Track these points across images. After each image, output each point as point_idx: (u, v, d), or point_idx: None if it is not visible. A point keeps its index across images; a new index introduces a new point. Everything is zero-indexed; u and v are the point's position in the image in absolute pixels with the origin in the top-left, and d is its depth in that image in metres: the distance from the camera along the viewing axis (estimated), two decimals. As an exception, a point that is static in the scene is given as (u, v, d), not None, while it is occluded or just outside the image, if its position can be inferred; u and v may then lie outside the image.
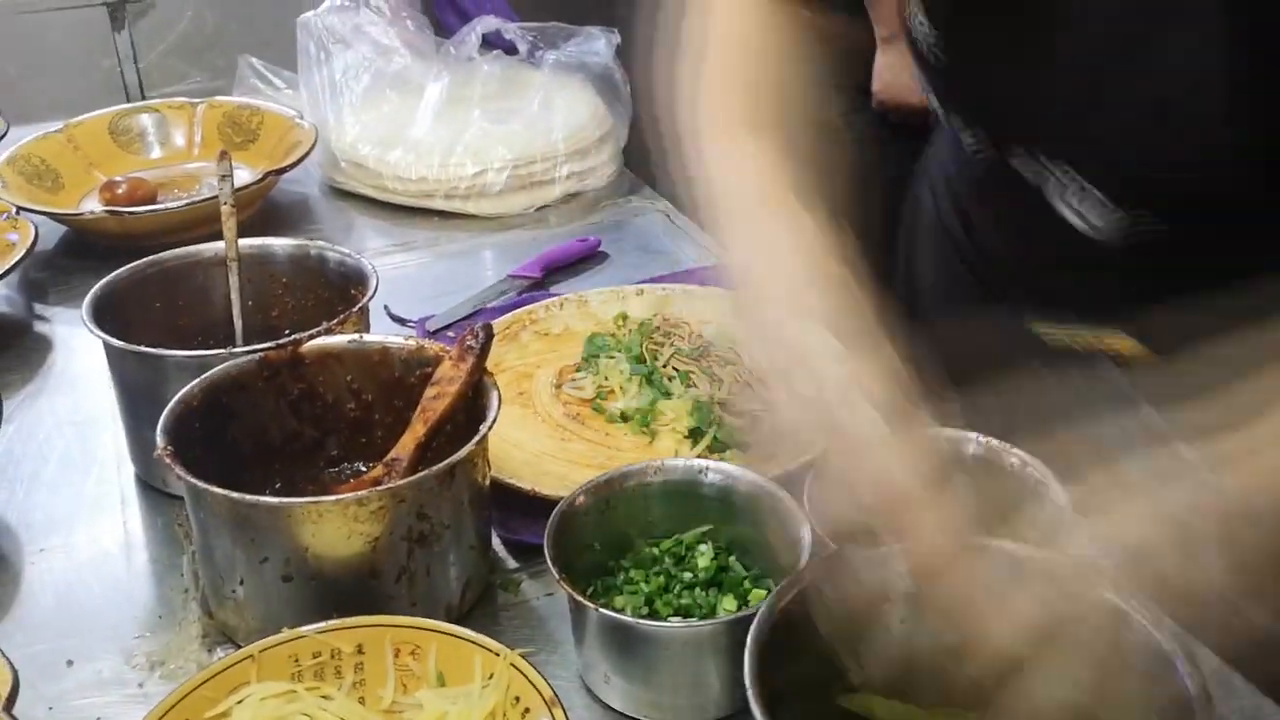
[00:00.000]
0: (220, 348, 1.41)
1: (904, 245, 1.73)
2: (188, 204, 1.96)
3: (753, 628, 0.94)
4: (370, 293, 1.49)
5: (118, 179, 2.12)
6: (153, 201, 2.05)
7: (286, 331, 1.53)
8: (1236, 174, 1.13)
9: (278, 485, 1.34)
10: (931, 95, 1.38)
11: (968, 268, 1.56)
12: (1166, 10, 1.11)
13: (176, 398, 1.25)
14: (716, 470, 1.24)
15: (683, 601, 1.19)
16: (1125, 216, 1.23)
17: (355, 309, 1.46)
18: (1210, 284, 1.10)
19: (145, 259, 1.56)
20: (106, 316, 1.43)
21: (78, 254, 2.01)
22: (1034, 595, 0.89)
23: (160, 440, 1.18)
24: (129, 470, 1.50)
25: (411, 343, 1.35)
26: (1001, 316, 1.33)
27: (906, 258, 1.72)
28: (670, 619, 1.16)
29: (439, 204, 2.16)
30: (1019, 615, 0.88)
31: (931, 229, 1.64)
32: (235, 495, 1.12)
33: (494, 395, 1.27)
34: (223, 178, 1.62)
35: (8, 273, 1.74)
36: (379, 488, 1.16)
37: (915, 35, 1.32)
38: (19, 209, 1.90)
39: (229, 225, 1.57)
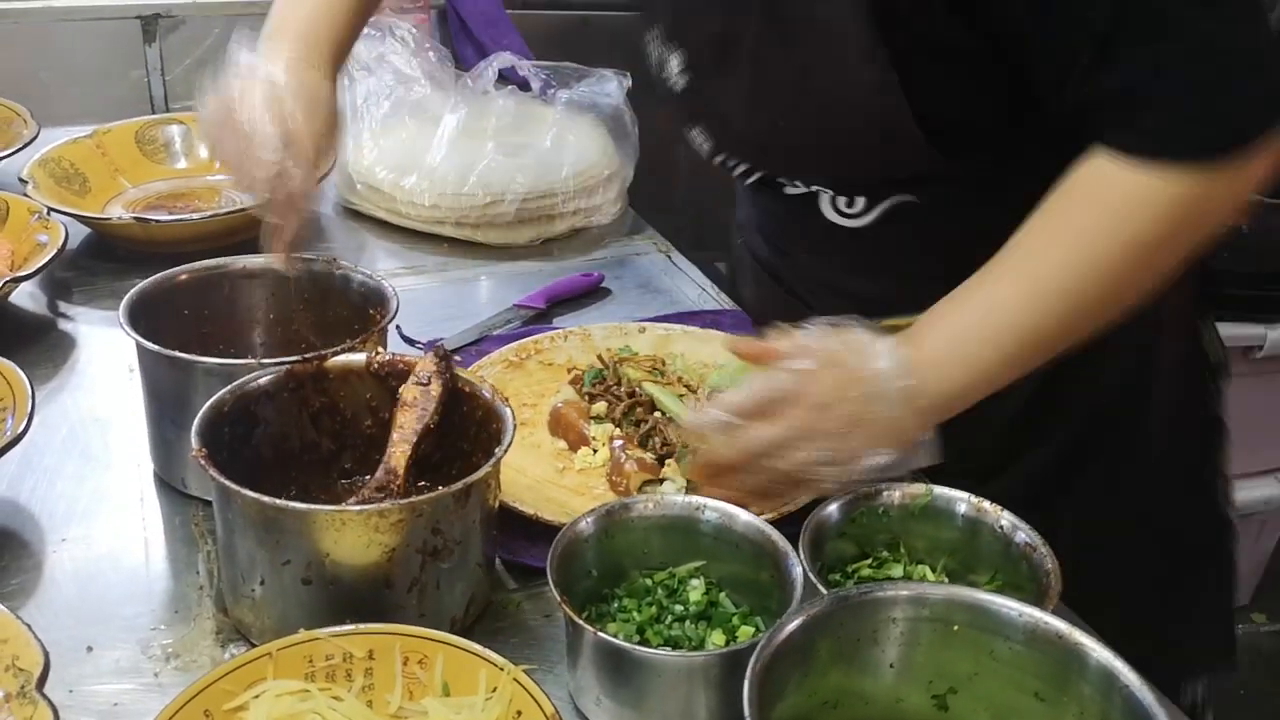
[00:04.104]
0: (241, 358, 1.47)
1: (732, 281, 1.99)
2: (211, 215, 2.03)
3: (752, 660, 0.97)
4: (391, 315, 1.55)
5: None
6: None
7: (303, 347, 1.59)
8: (928, 155, 1.42)
9: (293, 492, 1.40)
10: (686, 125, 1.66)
11: (784, 290, 1.78)
12: (834, 46, 1.39)
13: (209, 403, 1.31)
14: (714, 509, 1.30)
15: (672, 633, 1.24)
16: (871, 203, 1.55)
17: (376, 330, 1.53)
18: (960, 241, 1.35)
19: (177, 268, 1.61)
20: (139, 319, 1.49)
21: (101, 256, 2.07)
22: None
23: (195, 443, 1.24)
24: (148, 468, 1.55)
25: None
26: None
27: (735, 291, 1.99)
28: (660, 649, 1.21)
29: (449, 231, 2.22)
30: None
31: (744, 256, 1.88)
32: (265, 499, 1.18)
33: (509, 418, 1.33)
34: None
35: (39, 271, 1.80)
36: (402, 500, 1.22)
37: (664, 72, 1.63)
38: (50, 210, 1.95)
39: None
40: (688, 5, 1.57)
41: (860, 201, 1.56)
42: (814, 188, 1.58)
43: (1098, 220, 1.30)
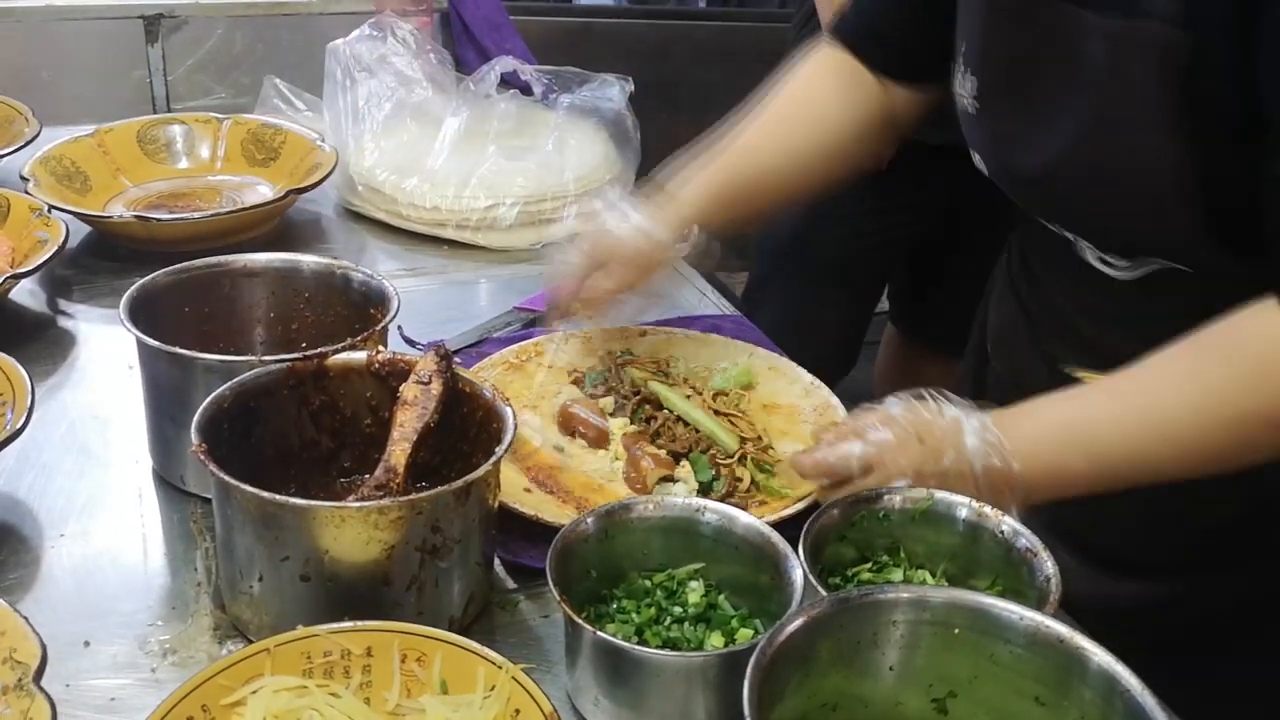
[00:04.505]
0: (241, 355, 1.47)
1: (989, 293, 1.91)
2: (212, 215, 2.03)
3: (751, 661, 0.97)
4: (391, 314, 1.55)
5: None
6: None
7: (304, 345, 1.59)
8: (1202, 240, 1.35)
9: (292, 489, 1.39)
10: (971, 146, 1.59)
11: (1025, 316, 1.71)
12: (1122, 115, 1.33)
13: (210, 399, 1.31)
14: (714, 510, 1.30)
15: (671, 634, 1.24)
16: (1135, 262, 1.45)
17: (377, 329, 1.53)
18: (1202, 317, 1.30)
19: (178, 265, 1.61)
20: (140, 316, 1.48)
21: (101, 254, 2.07)
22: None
23: (195, 438, 1.24)
24: (147, 465, 1.55)
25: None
26: (1045, 361, 1.47)
27: (986, 304, 1.91)
28: (658, 650, 1.21)
29: (450, 233, 2.22)
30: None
31: (1006, 280, 1.80)
32: (265, 494, 1.18)
33: (509, 418, 1.33)
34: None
35: (40, 268, 1.79)
36: (402, 498, 1.22)
37: (959, 89, 1.56)
38: (51, 208, 1.95)
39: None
40: (994, 27, 1.50)
41: (1120, 259, 1.48)
42: (1071, 235, 1.52)
43: (1240, 375, 1.28)
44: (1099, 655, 0.99)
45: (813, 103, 1.78)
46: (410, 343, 1.84)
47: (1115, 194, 1.40)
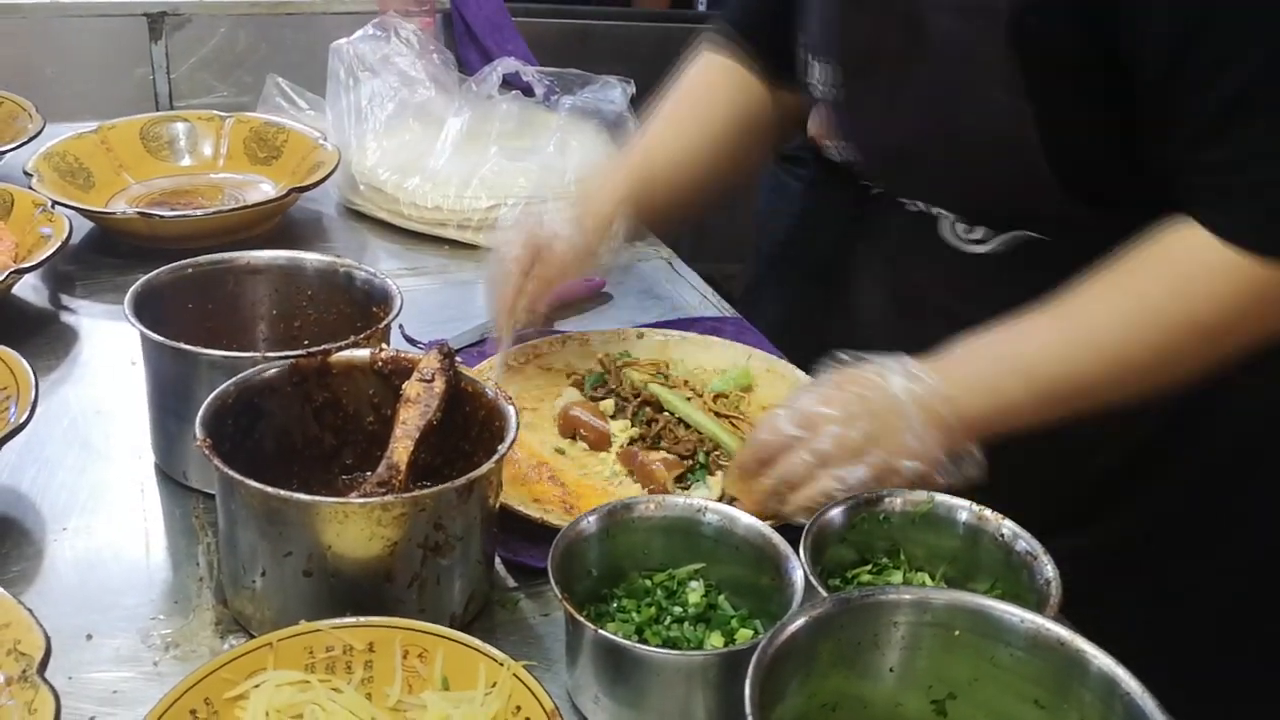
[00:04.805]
0: (245, 351, 1.47)
1: (845, 281, 1.95)
2: (214, 213, 2.04)
3: (753, 660, 0.97)
4: (394, 313, 1.56)
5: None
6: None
7: (306, 343, 1.59)
8: (1057, 197, 1.43)
9: (294, 486, 1.37)
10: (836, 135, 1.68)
11: (897, 304, 1.76)
12: (972, 75, 1.41)
13: (214, 394, 1.31)
14: (715, 511, 1.30)
15: (671, 634, 1.24)
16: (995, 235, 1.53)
17: (380, 326, 1.53)
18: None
19: (182, 261, 1.62)
20: (144, 312, 1.49)
21: (104, 251, 2.07)
22: None
23: (199, 433, 1.25)
24: (149, 460, 1.56)
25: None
26: (924, 346, 1.47)
27: (845, 292, 1.94)
28: (659, 648, 1.21)
29: (451, 233, 2.23)
30: None
31: (866, 271, 1.85)
32: (269, 490, 1.18)
33: (511, 416, 1.33)
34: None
35: (43, 263, 1.80)
36: (405, 494, 1.22)
37: (812, 80, 1.64)
38: (54, 203, 1.95)
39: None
40: (836, 17, 1.57)
41: (980, 230, 1.55)
42: (936, 210, 1.58)
43: (1165, 288, 1.33)
44: (1099, 658, 0.99)
45: (699, 105, 1.85)
46: (412, 341, 1.84)
47: (975, 162, 1.46)
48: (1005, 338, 1.39)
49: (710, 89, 1.85)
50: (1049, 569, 1.23)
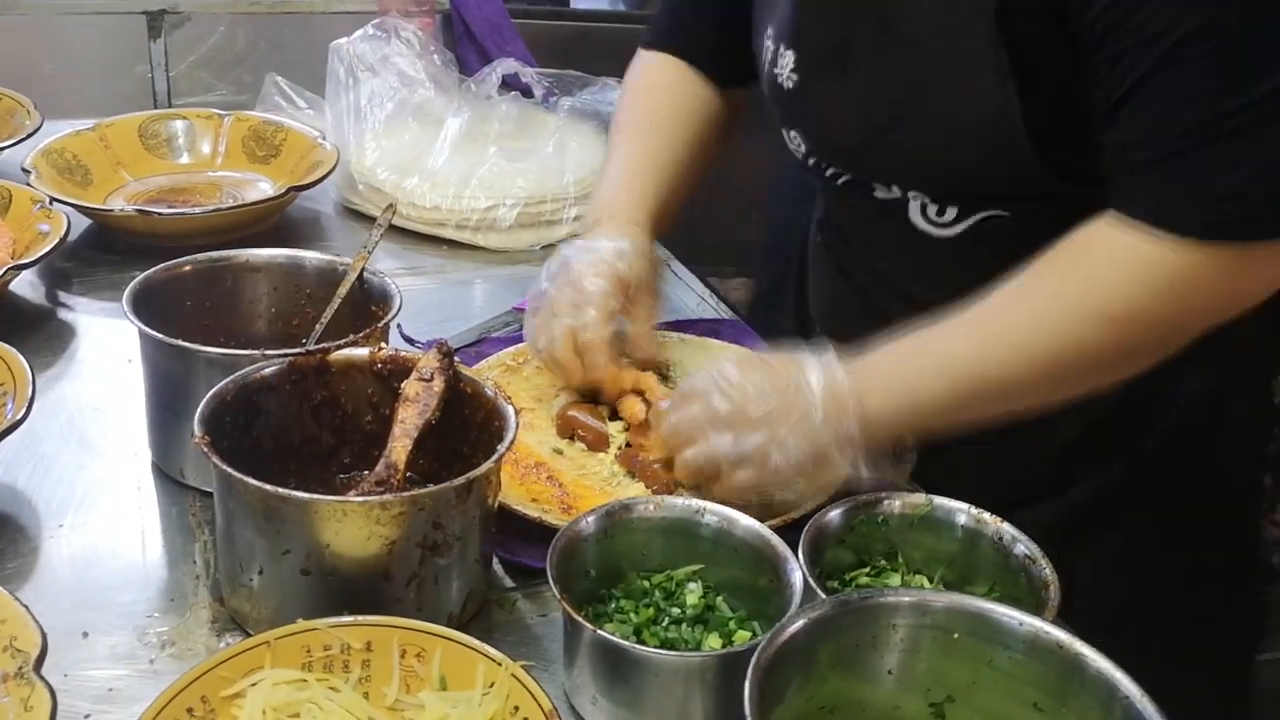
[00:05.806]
0: (243, 350, 1.47)
1: (799, 271, 2.02)
2: (212, 210, 2.04)
3: (752, 661, 0.97)
4: (393, 312, 1.56)
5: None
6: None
7: (304, 342, 1.59)
8: (1035, 173, 1.42)
9: (292, 484, 1.37)
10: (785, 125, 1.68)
11: (857, 291, 1.77)
12: (956, 59, 1.41)
13: (212, 391, 1.31)
14: (714, 512, 1.30)
15: (669, 635, 1.24)
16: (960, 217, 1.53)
17: (379, 325, 1.53)
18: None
19: (181, 259, 1.62)
20: (142, 309, 1.49)
21: (102, 248, 2.07)
22: None
23: (197, 430, 1.24)
24: (146, 458, 1.55)
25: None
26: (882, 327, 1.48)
27: (800, 281, 2.00)
28: (658, 649, 1.21)
29: (449, 233, 2.22)
30: None
31: (825, 259, 1.87)
32: (268, 488, 1.18)
33: (511, 416, 1.33)
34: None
35: (40, 260, 1.80)
36: (404, 493, 1.22)
37: (776, 69, 1.63)
38: (52, 200, 1.95)
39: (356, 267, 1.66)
40: (806, 7, 1.58)
41: (951, 211, 1.54)
42: (908, 194, 1.56)
43: (1077, 279, 1.33)
44: (1098, 662, 0.99)
45: (676, 114, 1.86)
46: (410, 341, 1.84)
47: (954, 143, 1.46)
48: (924, 336, 1.39)
49: (674, 94, 1.87)
50: (1047, 572, 1.24)
